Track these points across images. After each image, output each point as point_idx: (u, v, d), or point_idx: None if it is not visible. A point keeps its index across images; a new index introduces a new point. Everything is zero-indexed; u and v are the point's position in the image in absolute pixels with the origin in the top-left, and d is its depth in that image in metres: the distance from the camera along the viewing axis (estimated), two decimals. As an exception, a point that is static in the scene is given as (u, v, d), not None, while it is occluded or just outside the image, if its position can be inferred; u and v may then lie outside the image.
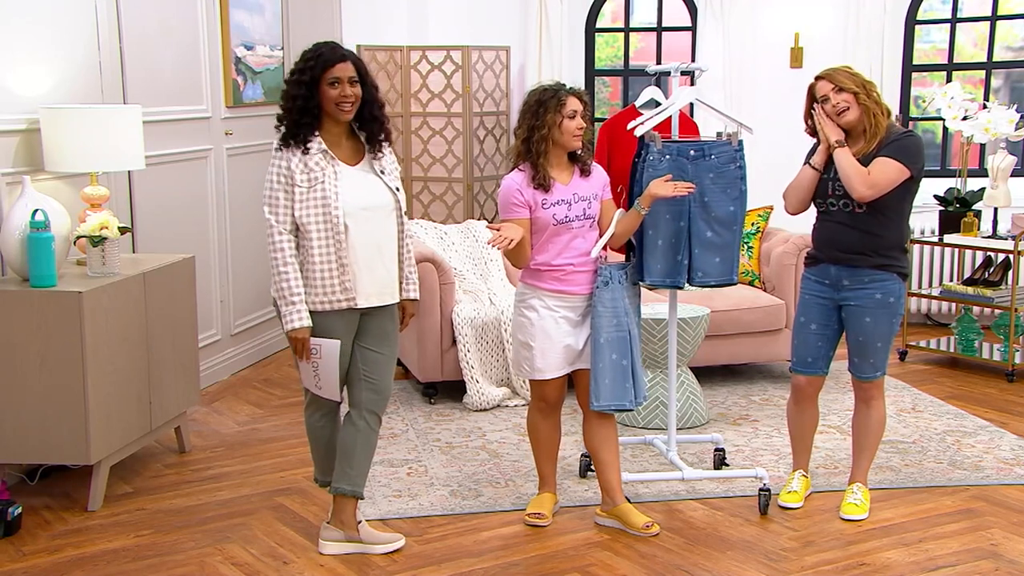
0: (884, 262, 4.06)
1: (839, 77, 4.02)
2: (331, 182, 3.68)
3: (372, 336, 3.85)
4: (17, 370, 4.17)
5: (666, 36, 7.89)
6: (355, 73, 3.69)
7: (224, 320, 6.25)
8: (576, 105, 3.95)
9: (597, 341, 3.96)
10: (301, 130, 3.68)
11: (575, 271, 4.00)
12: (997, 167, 6.36)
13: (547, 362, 4.03)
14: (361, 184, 3.75)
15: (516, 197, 3.96)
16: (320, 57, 3.66)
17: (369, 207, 3.74)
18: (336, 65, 3.65)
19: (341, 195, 3.68)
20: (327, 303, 3.72)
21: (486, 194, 7.51)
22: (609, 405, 3.99)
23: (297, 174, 3.67)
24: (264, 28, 6.59)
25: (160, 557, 3.90)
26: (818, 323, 4.19)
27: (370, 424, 3.87)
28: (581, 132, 3.97)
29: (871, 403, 4.23)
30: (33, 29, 4.62)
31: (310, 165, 3.68)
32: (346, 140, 3.79)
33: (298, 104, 3.66)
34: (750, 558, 3.88)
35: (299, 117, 3.67)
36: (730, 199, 4.18)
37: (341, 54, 3.69)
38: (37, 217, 4.16)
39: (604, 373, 3.96)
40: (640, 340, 4.15)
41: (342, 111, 3.69)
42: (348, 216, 3.68)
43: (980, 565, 3.83)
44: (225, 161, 6.21)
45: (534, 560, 3.88)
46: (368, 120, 3.77)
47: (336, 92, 3.66)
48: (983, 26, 7.59)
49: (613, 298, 3.98)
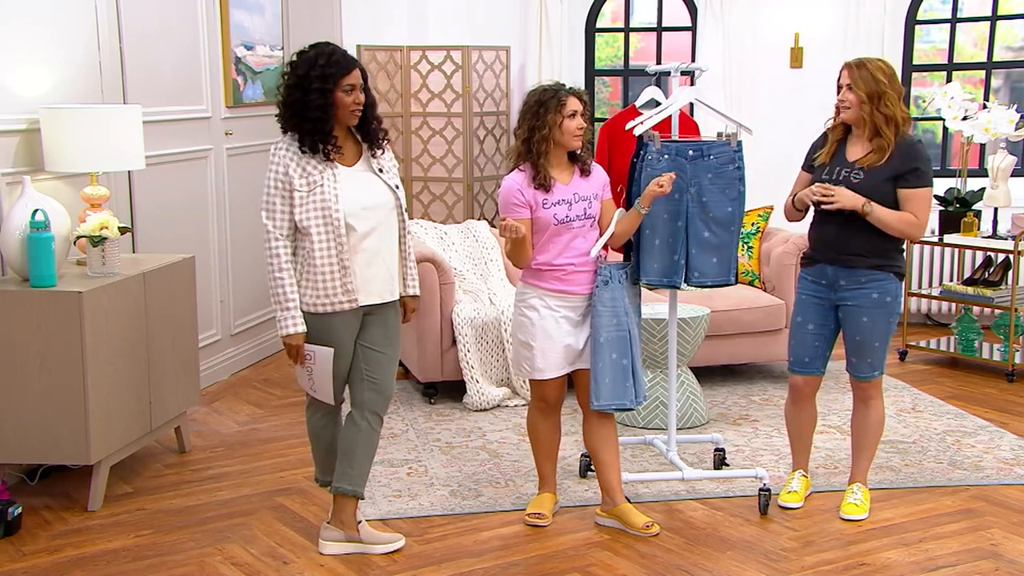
0: (881, 262, 4.06)
1: (859, 76, 3.99)
2: (330, 184, 3.68)
3: (374, 335, 3.85)
4: (17, 370, 4.17)
5: (666, 36, 7.89)
6: (363, 79, 3.74)
7: (224, 320, 6.25)
8: (576, 105, 3.96)
9: (597, 340, 3.96)
10: (328, 137, 3.68)
11: (576, 271, 4.00)
12: (997, 167, 6.36)
13: (547, 362, 4.03)
14: (361, 184, 3.76)
15: (517, 197, 3.96)
16: (338, 64, 3.67)
17: (369, 206, 3.75)
18: (352, 72, 3.69)
19: (341, 196, 3.69)
20: (329, 305, 3.72)
21: (486, 194, 7.51)
22: (609, 404, 3.99)
23: (296, 178, 3.67)
24: (264, 28, 6.59)
25: (160, 557, 3.90)
26: (815, 323, 4.19)
27: (371, 424, 3.87)
28: (581, 132, 3.97)
29: (869, 403, 4.23)
30: (33, 29, 4.62)
31: (308, 169, 3.68)
32: (344, 141, 3.80)
33: (318, 114, 3.65)
34: (750, 558, 3.88)
35: (323, 125, 3.66)
36: (728, 199, 4.18)
37: (352, 59, 3.73)
38: (37, 217, 4.16)
39: (604, 372, 3.96)
40: (641, 340, 4.15)
41: (354, 116, 3.72)
42: (349, 216, 3.69)
43: (980, 565, 3.83)
44: (225, 161, 6.21)
45: (534, 560, 3.88)
46: (367, 121, 3.79)
47: (351, 99, 3.68)
48: (983, 26, 7.59)
49: (613, 297, 3.98)
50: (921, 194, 4.01)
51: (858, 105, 4.00)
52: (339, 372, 3.83)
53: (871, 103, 3.98)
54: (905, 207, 4.01)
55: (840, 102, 4.05)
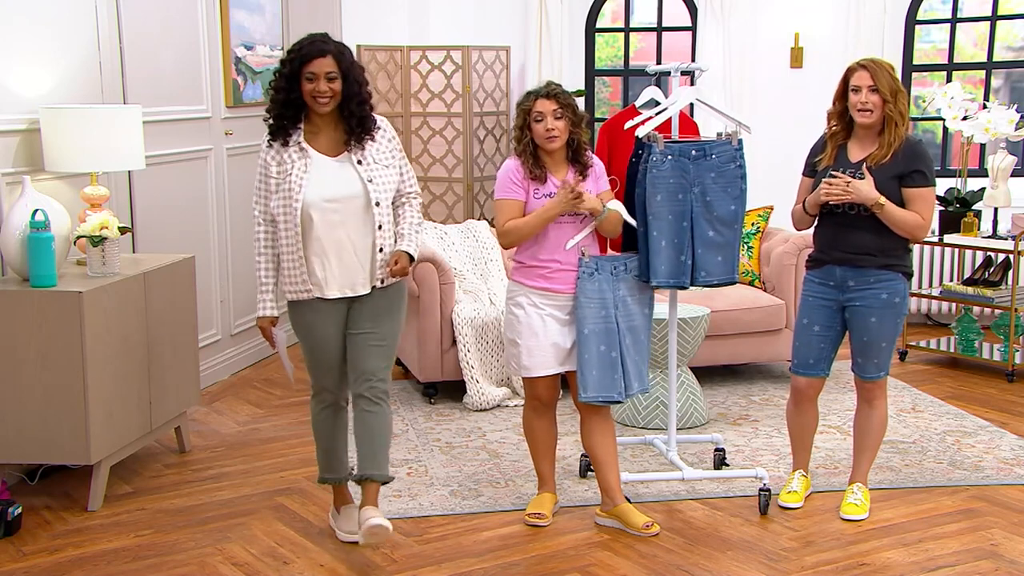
0: (890, 262, 4.05)
1: (881, 76, 3.96)
2: (298, 174, 3.71)
3: (360, 321, 3.83)
4: (17, 370, 4.17)
5: (666, 36, 7.89)
6: (334, 68, 3.69)
7: (224, 320, 6.25)
8: (543, 107, 3.95)
9: (581, 332, 3.96)
10: (284, 123, 3.75)
11: (561, 269, 4.00)
12: (997, 167, 6.36)
13: (534, 360, 4.02)
14: (332, 176, 3.74)
15: (514, 176, 4.00)
16: (300, 51, 3.71)
17: (336, 199, 3.73)
18: (314, 60, 3.68)
19: (305, 187, 3.70)
20: (294, 293, 3.81)
21: (486, 194, 7.51)
22: (596, 397, 3.97)
23: (273, 166, 3.75)
24: (264, 28, 6.59)
25: (160, 557, 3.90)
26: (821, 325, 4.18)
27: (364, 407, 3.80)
28: (551, 134, 3.95)
29: (874, 403, 4.23)
30: (33, 29, 4.62)
31: (283, 157, 3.74)
32: (332, 131, 3.80)
33: (280, 97, 3.73)
34: (750, 558, 3.88)
35: (282, 110, 3.74)
36: (731, 198, 4.18)
37: (320, 49, 3.69)
38: (37, 217, 4.16)
39: (590, 364, 3.96)
40: (645, 333, 4.14)
41: (319, 104, 3.71)
42: (311, 207, 3.70)
43: (980, 565, 3.83)
44: (225, 161, 6.21)
45: (534, 560, 3.88)
46: (347, 115, 3.77)
47: (311, 87, 3.69)
48: (983, 26, 7.59)
49: (600, 289, 3.98)
50: (926, 194, 4.01)
51: (882, 106, 3.98)
52: (325, 362, 3.86)
53: (893, 101, 3.96)
54: (910, 207, 4.00)
55: (862, 105, 3.97)
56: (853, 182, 3.96)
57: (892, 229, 4.00)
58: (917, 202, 4.00)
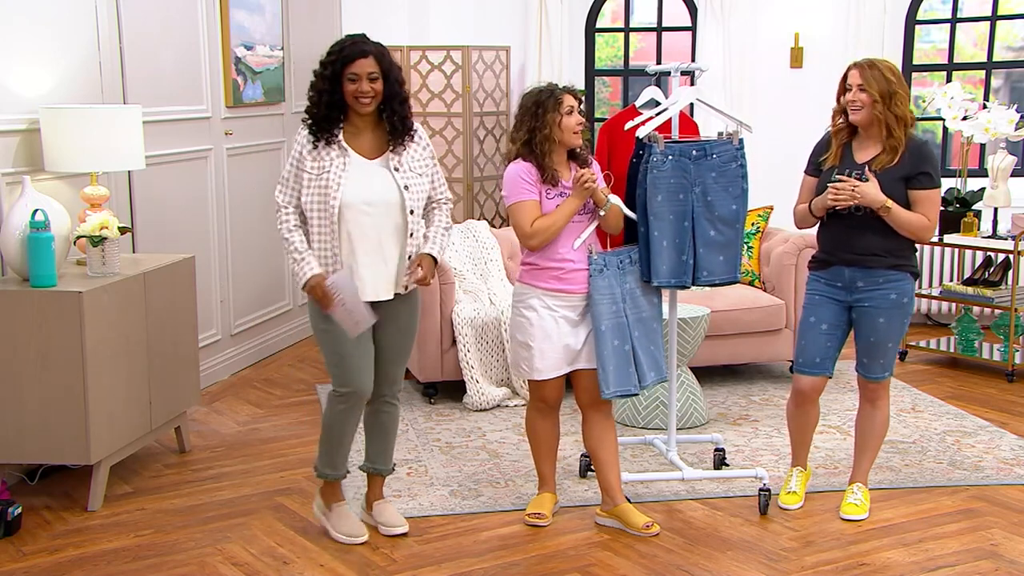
0: (898, 262, 4.05)
1: (871, 77, 3.97)
2: (336, 173, 3.73)
3: (387, 325, 3.89)
4: (17, 370, 4.17)
5: (666, 36, 7.88)
6: (376, 69, 3.74)
7: (224, 320, 6.25)
8: (572, 101, 4.00)
9: (599, 329, 3.96)
10: (328, 123, 3.77)
11: (575, 268, 4.00)
12: (997, 167, 6.36)
13: (546, 362, 4.03)
14: (370, 178, 3.78)
15: (527, 176, 3.99)
16: (341, 52, 3.74)
17: (371, 202, 3.76)
18: (356, 61, 3.72)
19: (343, 187, 3.72)
20: None
21: (486, 194, 7.51)
22: (616, 392, 3.99)
23: (308, 161, 3.76)
24: (264, 28, 6.59)
25: (160, 557, 3.90)
26: (829, 323, 4.16)
27: (390, 409, 4.09)
28: (581, 128, 4.01)
29: (877, 403, 4.23)
30: (33, 29, 4.62)
31: (323, 154, 3.75)
32: (372, 132, 3.84)
33: (324, 99, 3.76)
34: (750, 558, 3.88)
35: (327, 112, 3.76)
36: (732, 197, 4.18)
37: (362, 49, 3.74)
38: (37, 217, 4.16)
39: (609, 360, 3.97)
40: (657, 321, 4.13)
41: (361, 105, 3.75)
42: (347, 208, 3.73)
43: (980, 565, 3.83)
44: (225, 161, 6.21)
45: (534, 560, 3.88)
46: (389, 115, 3.83)
47: (354, 87, 3.73)
48: (983, 26, 7.59)
49: (609, 285, 4.00)
50: (932, 196, 4.02)
51: (870, 105, 3.98)
52: (355, 365, 3.83)
53: (883, 103, 3.97)
54: (916, 208, 4.00)
55: (851, 103, 4.02)
56: (859, 186, 3.96)
57: (898, 231, 4.00)
58: (923, 204, 4.00)
